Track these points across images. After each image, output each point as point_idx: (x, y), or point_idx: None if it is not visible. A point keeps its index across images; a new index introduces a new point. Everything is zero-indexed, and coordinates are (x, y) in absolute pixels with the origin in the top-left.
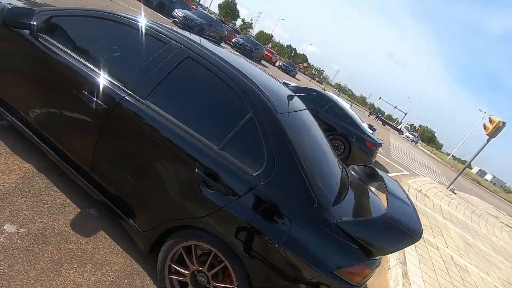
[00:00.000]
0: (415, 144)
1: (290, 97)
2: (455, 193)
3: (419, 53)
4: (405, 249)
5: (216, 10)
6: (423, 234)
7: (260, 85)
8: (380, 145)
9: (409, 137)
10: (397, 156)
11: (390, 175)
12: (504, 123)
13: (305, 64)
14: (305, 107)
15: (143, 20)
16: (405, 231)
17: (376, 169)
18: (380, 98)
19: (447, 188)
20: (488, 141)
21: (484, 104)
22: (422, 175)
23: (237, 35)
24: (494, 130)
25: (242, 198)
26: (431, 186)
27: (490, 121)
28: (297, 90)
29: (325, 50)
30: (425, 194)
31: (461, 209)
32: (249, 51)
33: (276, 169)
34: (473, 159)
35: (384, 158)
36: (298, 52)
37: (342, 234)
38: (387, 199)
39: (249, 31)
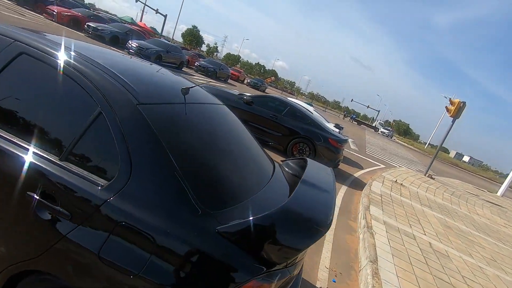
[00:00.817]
0: (391, 138)
1: (185, 90)
2: (434, 178)
3: (381, 54)
4: (376, 244)
5: (181, 39)
6: (398, 225)
7: (121, 73)
8: (345, 141)
9: (384, 132)
10: (372, 151)
11: (365, 170)
12: (464, 103)
13: (273, 78)
14: (216, 102)
15: None
16: (307, 224)
17: (309, 159)
18: (352, 100)
19: (425, 175)
20: (453, 122)
21: (447, 91)
22: (399, 166)
23: (200, 59)
24: (456, 111)
25: (88, 220)
26: (407, 175)
27: (451, 103)
28: (254, 98)
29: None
30: (401, 184)
31: (440, 193)
32: (213, 72)
33: (133, 176)
34: (443, 142)
35: (359, 155)
36: (267, 68)
37: (227, 243)
38: (295, 190)
39: (215, 54)
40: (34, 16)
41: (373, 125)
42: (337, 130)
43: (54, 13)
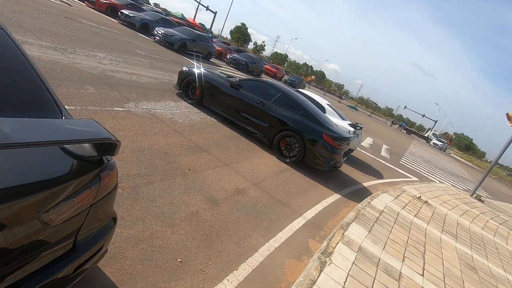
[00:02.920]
0: (444, 151)
1: None
2: (482, 201)
3: (446, 59)
4: (319, 282)
5: (229, 36)
6: (382, 256)
7: None
8: (347, 139)
9: (437, 144)
10: (409, 161)
11: (383, 180)
12: None
13: (313, 77)
14: None
15: None
16: None
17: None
18: (405, 107)
19: (471, 195)
20: None
21: None
22: (441, 182)
23: (234, 52)
24: None
25: None
26: (444, 193)
27: None
28: (242, 81)
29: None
30: (426, 202)
31: (483, 220)
32: (244, 66)
33: None
34: (499, 156)
35: (386, 163)
36: (315, 69)
37: None
38: None
39: (261, 53)
40: (79, 5)
41: (425, 135)
42: (351, 129)
43: (94, 0)
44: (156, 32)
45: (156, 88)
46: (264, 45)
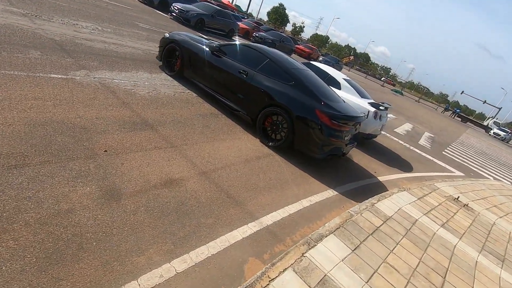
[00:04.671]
0: (507, 142)
1: None
2: None
3: None
4: None
5: (266, 18)
6: None
7: None
8: (351, 119)
9: (498, 135)
10: (455, 152)
11: (411, 174)
12: None
13: (351, 58)
14: None
15: None
16: None
17: None
18: (462, 92)
19: None
20: None
21: None
22: (497, 179)
23: (262, 31)
24: None
25: None
26: (496, 193)
27: None
28: (224, 47)
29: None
30: (466, 205)
31: None
32: (271, 44)
33: None
34: None
35: (422, 153)
36: (358, 51)
37: None
38: None
39: (300, 35)
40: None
41: (484, 124)
42: (371, 109)
43: None
44: (172, 8)
45: (136, 59)
46: (303, 27)
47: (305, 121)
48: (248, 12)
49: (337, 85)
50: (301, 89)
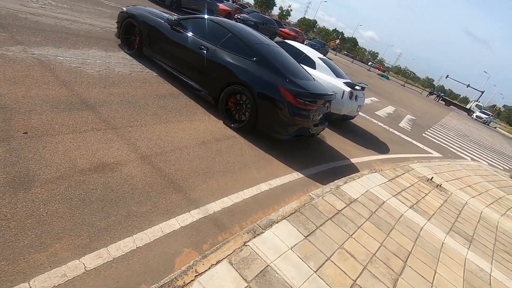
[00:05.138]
0: (487, 124)
1: None
2: None
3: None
4: None
5: (252, 2)
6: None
7: None
8: (319, 96)
9: (480, 118)
10: (436, 135)
11: (385, 156)
12: None
13: (337, 41)
14: None
15: None
16: None
17: None
18: (447, 76)
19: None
20: None
21: None
22: (476, 160)
23: (245, 12)
24: None
25: None
26: (471, 173)
27: None
28: (183, 21)
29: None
30: (439, 185)
31: None
32: (253, 27)
33: None
34: None
35: (401, 135)
36: (346, 36)
37: None
38: None
39: (287, 18)
40: None
41: (467, 107)
42: (346, 89)
43: None
44: None
45: (92, 36)
46: (291, 10)
47: (268, 99)
48: None
49: (312, 65)
50: (265, 65)
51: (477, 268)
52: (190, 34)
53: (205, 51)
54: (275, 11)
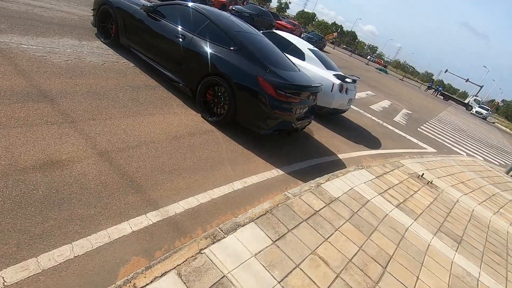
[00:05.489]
0: (485, 119)
1: None
2: None
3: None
4: None
5: None
6: None
7: None
8: (301, 88)
9: (481, 113)
10: (432, 130)
11: (376, 151)
12: None
13: (335, 34)
14: None
15: None
16: None
17: None
18: (447, 71)
19: (507, 173)
20: None
21: None
22: (472, 155)
23: (241, 4)
24: None
25: None
26: (465, 169)
27: None
28: (160, 7)
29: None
30: (430, 182)
31: None
32: (248, 18)
33: None
34: None
35: (395, 130)
36: (345, 29)
37: None
38: None
39: (285, 11)
40: None
41: (466, 102)
42: (336, 81)
43: None
44: None
45: (66, 24)
46: (290, 3)
47: (247, 90)
48: None
49: (301, 56)
50: (245, 54)
51: (464, 272)
52: (166, 21)
53: (181, 40)
54: (274, 3)
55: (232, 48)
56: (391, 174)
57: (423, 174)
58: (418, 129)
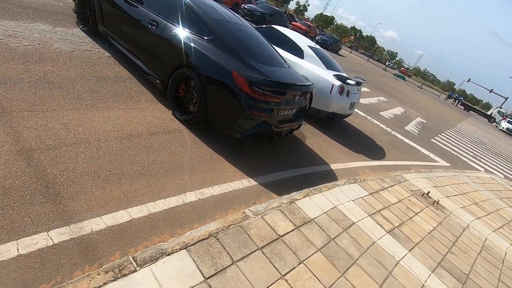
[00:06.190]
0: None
1: None
2: None
3: None
4: None
5: None
6: None
7: None
8: (284, 87)
9: (509, 129)
10: (446, 141)
11: (376, 163)
12: None
13: (351, 37)
14: None
15: None
16: None
17: None
18: (469, 80)
19: None
20: None
21: None
22: (488, 171)
23: (254, 2)
24: None
25: None
26: (481, 188)
27: None
28: None
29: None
30: (436, 202)
31: None
32: (260, 17)
33: None
34: None
35: (405, 139)
36: (364, 34)
37: None
38: None
39: (303, 13)
40: None
41: (488, 113)
42: (336, 82)
43: None
44: None
45: (45, 10)
46: (308, 5)
47: (218, 85)
48: None
49: (300, 53)
50: (220, 45)
51: None
52: (143, 7)
53: (153, 27)
54: (292, 5)
55: (206, 37)
56: (389, 190)
57: (429, 192)
58: (432, 139)
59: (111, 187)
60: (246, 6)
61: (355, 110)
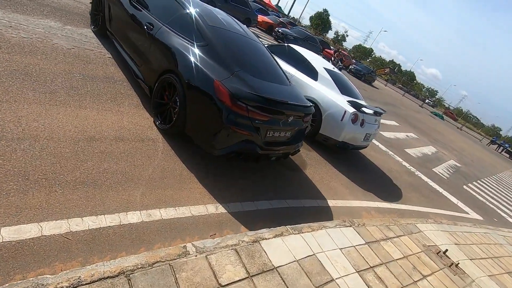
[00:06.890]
0: None
1: None
2: None
3: None
4: None
5: (308, 22)
6: None
7: None
8: (276, 104)
9: None
10: (482, 190)
11: (388, 205)
12: None
13: (386, 69)
14: None
15: None
16: None
17: None
18: None
19: None
20: None
21: None
22: None
23: (289, 26)
24: None
25: None
26: None
27: None
28: None
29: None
30: (455, 265)
31: None
32: (292, 41)
33: None
34: None
35: (434, 185)
36: (403, 69)
37: None
38: None
39: (342, 43)
40: None
41: None
42: (349, 109)
43: None
44: None
45: (62, 9)
46: (347, 35)
47: (199, 93)
48: (290, 16)
49: (314, 75)
50: (209, 52)
51: None
52: (145, 10)
53: (148, 29)
54: (330, 35)
55: (197, 43)
56: (393, 241)
57: (446, 250)
58: (465, 186)
59: (36, 193)
60: (280, 30)
61: (374, 141)
